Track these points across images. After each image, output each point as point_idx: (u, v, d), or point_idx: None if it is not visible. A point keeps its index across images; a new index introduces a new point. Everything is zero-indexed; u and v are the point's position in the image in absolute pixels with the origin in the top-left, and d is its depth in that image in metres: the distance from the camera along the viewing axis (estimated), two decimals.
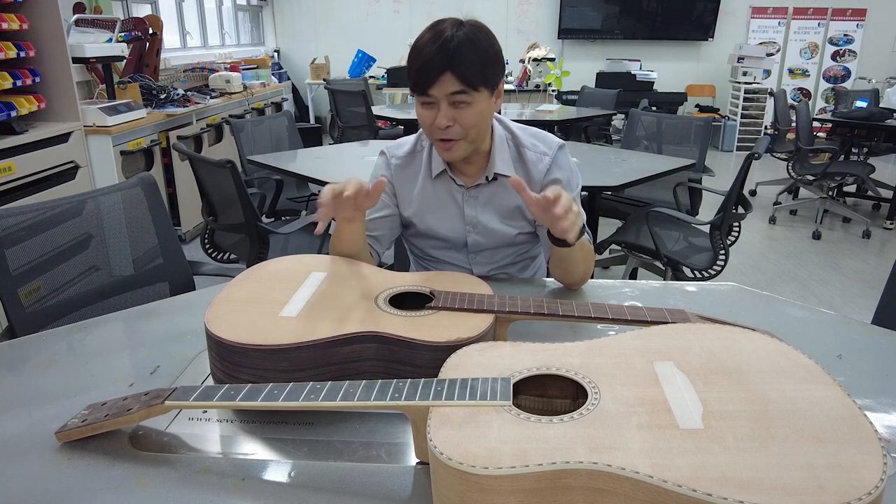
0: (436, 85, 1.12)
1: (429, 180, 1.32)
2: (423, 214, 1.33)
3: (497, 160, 1.27)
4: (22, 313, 1.24)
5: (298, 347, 0.82)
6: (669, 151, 3.30)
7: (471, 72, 1.11)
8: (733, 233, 2.60)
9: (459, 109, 1.15)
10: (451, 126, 1.15)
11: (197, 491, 0.70)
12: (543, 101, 5.85)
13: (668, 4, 7.01)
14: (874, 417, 0.83)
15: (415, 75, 1.13)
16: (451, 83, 1.11)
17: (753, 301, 1.23)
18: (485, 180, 1.29)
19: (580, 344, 0.79)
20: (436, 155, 1.30)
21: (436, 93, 1.13)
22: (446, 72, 1.10)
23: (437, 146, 1.23)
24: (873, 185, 4.89)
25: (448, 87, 1.12)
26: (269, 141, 3.27)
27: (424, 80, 1.12)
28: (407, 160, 1.34)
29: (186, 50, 5.54)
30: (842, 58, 7.15)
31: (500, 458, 0.59)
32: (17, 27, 2.73)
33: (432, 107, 1.15)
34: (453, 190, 1.31)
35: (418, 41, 1.14)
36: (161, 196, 1.54)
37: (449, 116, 1.14)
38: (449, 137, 1.17)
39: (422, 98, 1.16)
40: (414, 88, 1.16)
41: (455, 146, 1.19)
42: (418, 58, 1.13)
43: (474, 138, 1.20)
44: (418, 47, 1.13)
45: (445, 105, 1.14)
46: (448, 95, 1.13)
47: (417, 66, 1.13)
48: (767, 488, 0.54)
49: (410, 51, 1.16)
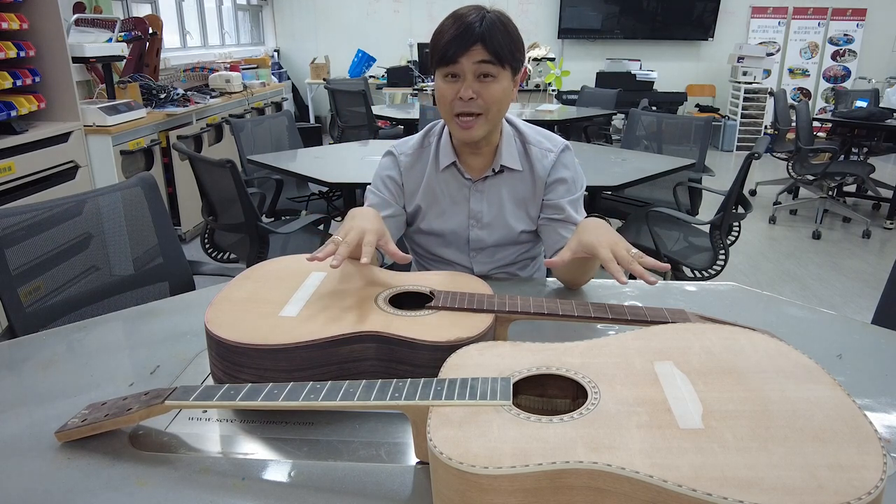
0: (466, 54, 1.14)
1: (435, 173, 1.32)
2: (428, 207, 1.34)
3: (504, 153, 1.29)
4: (22, 313, 1.24)
5: (298, 347, 0.82)
6: (669, 151, 3.30)
7: (501, 46, 1.14)
8: (733, 232, 2.60)
9: (484, 83, 1.17)
10: (474, 99, 1.17)
11: (197, 490, 0.70)
12: (543, 100, 5.84)
13: (668, 4, 7.01)
14: (874, 417, 0.83)
15: (443, 46, 1.15)
16: (481, 52, 1.14)
17: (753, 301, 1.23)
18: (492, 172, 1.30)
19: (580, 344, 0.79)
20: (444, 148, 1.31)
21: (464, 61, 1.15)
22: (477, 43, 1.13)
23: (455, 125, 1.22)
24: (873, 184, 4.89)
25: (476, 55, 1.14)
26: (269, 141, 3.27)
27: (455, 50, 1.14)
28: (415, 156, 1.35)
29: (186, 50, 5.54)
30: (842, 57, 7.15)
31: (500, 457, 0.59)
32: (17, 27, 2.73)
33: (456, 80, 1.17)
34: (460, 183, 1.32)
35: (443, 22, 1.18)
36: (161, 196, 1.54)
37: (474, 89, 1.16)
38: (470, 111, 1.18)
39: (447, 69, 1.17)
40: (441, 61, 1.17)
41: (475, 123, 1.20)
42: (448, 31, 1.15)
43: (493, 118, 1.22)
44: (445, 25, 1.17)
45: (471, 78, 1.16)
46: (476, 65, 1.15)
47: (448, 38, 1.15)
48: (767, 488, 0.54)
49: (435, 33, 1.18)
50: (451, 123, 1.23)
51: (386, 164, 1.36)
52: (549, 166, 1.31)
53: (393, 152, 1.36)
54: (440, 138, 1.33)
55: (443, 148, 1.31)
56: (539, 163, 1.31)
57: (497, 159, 1.29)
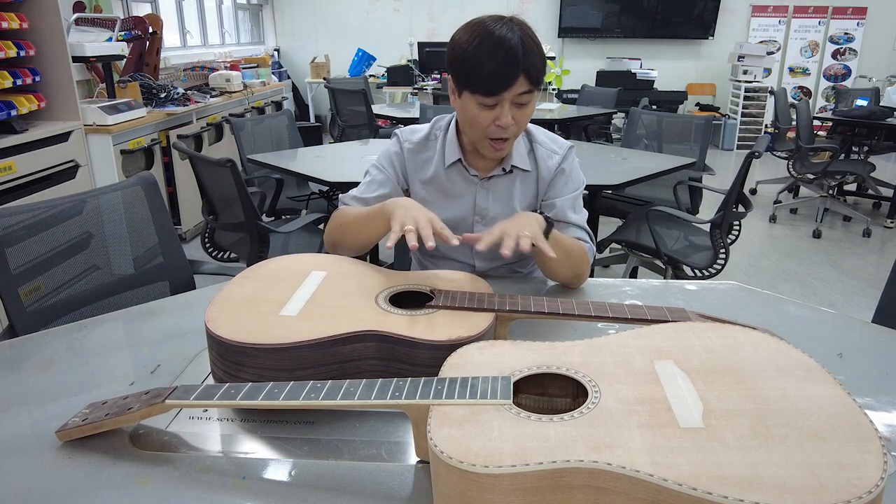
0: (510, 88, 1.12)
1: (442, 168, 1.33)
2: (433, 200, 1.34)
3: (515, 153, 1.30)
4: (22, 312, 1.24)
5: (299, 346, 0.82)
6: (670, 150, 3.30)
7: (539, 72, 1.14)
8: (733, 231, 2.60)
9: (520, 108, 1.17)
10: (511, 125, 1.17)
11: (197, 490, 0.70)
12: (543, 99, 5.84)
13: (669, 3, 7.00)
14: (874, 416, 0.83)
15: (484, 80, 1.12)
16: (523, 85, 1.13)
17: (754, 300, 1.23)
18: (501, 171, 1.31)
19: (580, 343, 0.79)
20: (449, 144, 1.31)
21: (506, 95, 1.14)
22: (520, 76, 1.12)
23: (488, 146, 1.22)
24: (874, 183, 4.88)
25: (520, 88, 1.13)
26: (270, 140, 3.27)
27: (498, 84, 1.12)
28: (420, 146, 1.35)
29: (186, 49, 5.54)
30: (842, 56, 7.15)
31: (501, 456, 0.59)
32: (17, 26, 2.73)
33: (493, 108, 1.16)
34: (467, 179, 1.33)
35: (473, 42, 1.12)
36: (161, 195, 1.54)
37: (512, 115, 1.16)
38: (506, 137, 1.19)
39: (486, 100, 1.15)
40: (480, 91, 1.14)
41: (507, 144, 1.22)
42: (484, 61, 1.11)
43: (520, 133, 1.24)
44: (481, 50, 1.11)
45: (509, 105, 1.15)
46: (516, 96, 1.14)
47: (489, 71, 1.11)
48: (767, 487, 0.54)
49: (464, 51, 1.13)
50: (481, 143, 1.23)
51: (392, 145, 1.37)
52: (553, 167, 1.32)
53: (398, 136, 1.37)
54: (446, 133, 1.33)
55: (449, 144, 1.31)
56: (544, 163, 1.32)
57: (508, 159, 1.30)
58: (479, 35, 1.12)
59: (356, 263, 1.09)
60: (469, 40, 1.13)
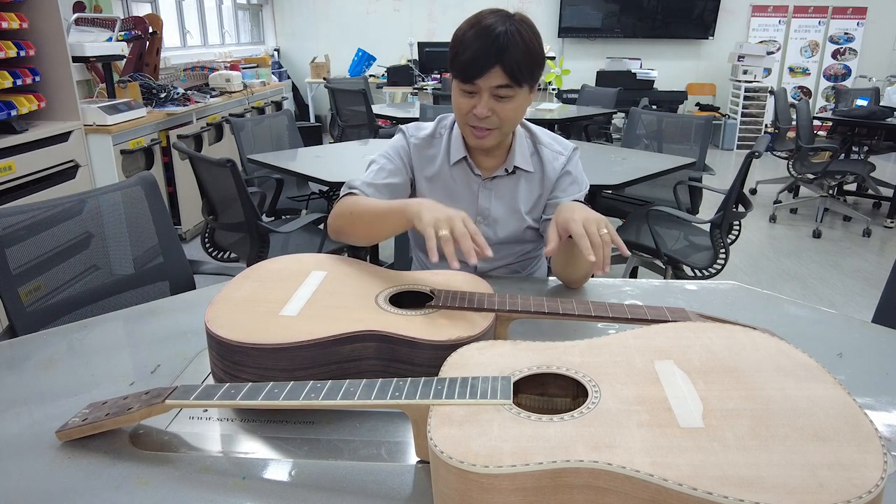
0: (483, 77, 1.13)
1: (446, 166, 1.33)
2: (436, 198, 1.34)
3: (517, 154, 1.30)
4: (22, 312, 1.24)
5: (299, 346, 0.82)
6: (670, 150, 3.30)
7: (518, 68, 1.13)
8: (733, 231, 2.60)
9: (500, 102, 1.17)
10: (489, 116, 1.17)
11: (197, 490, 0.70)
12: (543, 99, 5.84)
13: (669, 3, 7.01)
14: (874, 416, 0.83)
15: (461, 64, 1.14)
16: (499, 77, 1.13)
17: (754, 300, 1.23)
18: (504, 172, 1.31)
19: (580, 342, 0.79)
20: (455, 141, 1.31)
21: (481, 84, 1.14)
22: (496, 66, 1.12)
23: (467, 132, 1.24)
24: (874, 183, 4.88)
25: (494, 80, 1.13)
26: (270, 140, 3.27)
27: (472, 71, 1.13)
28: (426, 142, 1.35)
29: (186, 49, 5.54)
30: (842, 56, 7.15)
31: (501, 456, 0.59)
32: (17, 26, 2.73)
33: (472, 96, 1.17)
34: (470, 179, 1.33)
35: (466, 30, 1.15)
36: (161, 195, 1.54)
37: (489, 107, 1.16)
38: (485, 126, 1.19)
39: (464, 86, 1.17)
40: (458, 76, 1.16)
41: (488, 134, 1.21)
42: (467, 47, 1.13)
43: (506, 130, 1.23)
44: (467, 37, 1.14)
45: (487, 96, 1.16)
46: (493, 88, 1.14)
47: (467, 56, 1.13)
48: (768, 487, 0.54)
49: (456, 38, 1.16)
50: (464, 129, 1.25)
51: (398, 140, 1.37)
52: (559, 168, 1.33)
53: (404, 132, 1.37)
54: (451, 131, 1.33)
55: (454, 142, 1.32)
56: (549, 164, 1.33)
57: (510, 160, 1.30)
58: (473, 23, 1.15)
59: (356, 263, 1.09)
60: (464, 28, 1.16)
